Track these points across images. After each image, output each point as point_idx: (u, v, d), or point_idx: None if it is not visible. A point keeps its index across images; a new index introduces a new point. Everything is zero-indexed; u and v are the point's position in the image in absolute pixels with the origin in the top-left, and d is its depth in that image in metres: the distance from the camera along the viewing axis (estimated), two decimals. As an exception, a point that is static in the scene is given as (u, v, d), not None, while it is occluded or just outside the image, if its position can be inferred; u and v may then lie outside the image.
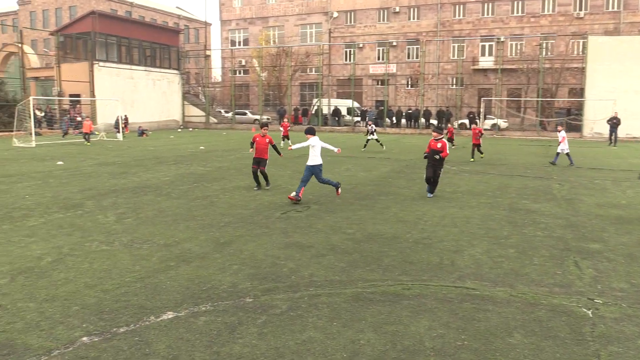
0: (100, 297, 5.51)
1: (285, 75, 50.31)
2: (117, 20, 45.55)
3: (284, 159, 17.45)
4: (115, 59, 43.17)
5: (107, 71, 41.40)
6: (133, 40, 44.52)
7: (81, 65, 40.43)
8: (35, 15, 71.93)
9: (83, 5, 64.98)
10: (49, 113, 39.41)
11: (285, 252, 7.26)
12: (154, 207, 10.39)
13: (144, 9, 73.48)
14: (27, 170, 16.05)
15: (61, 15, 68.64)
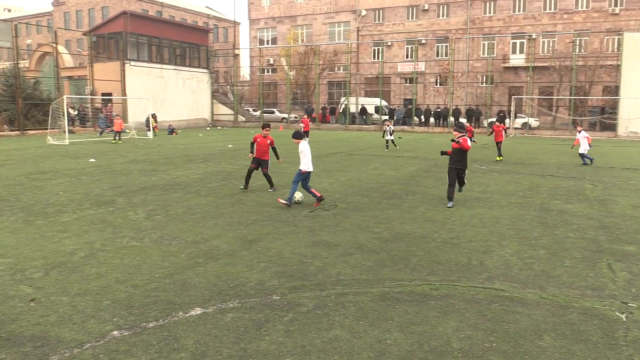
0: (130, 292, 5.61)
1: (313, 74, 50.38)
2: (148, 20, 46.27)
3: (313, 156, 17.44)
4: (146, 58, 43.88)
5: (138, 70, 42.12)
6: (163, 40, 45.18)
7: (113, 64, 41.22)
8: (69, 16, 73.61)
9: (115, 6, 66.23)
10: (82, 112, 40.30)
11: (312, 250, 7.27)
12: (183, 204, 10.53)
13: (174, 9, 74.49)
14: (60, 167, 16.45)
15: (94, 16, 70.08)
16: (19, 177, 14.07)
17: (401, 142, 26.96)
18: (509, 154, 22.43)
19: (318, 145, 26.70)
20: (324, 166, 17.17)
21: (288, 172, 15.18)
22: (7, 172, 15.25)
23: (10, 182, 13.28)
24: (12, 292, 5.58)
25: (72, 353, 4.25)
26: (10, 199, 10.92)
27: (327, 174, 15.24)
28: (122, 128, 28.47)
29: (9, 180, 13.46)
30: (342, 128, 44.99)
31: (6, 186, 12.60)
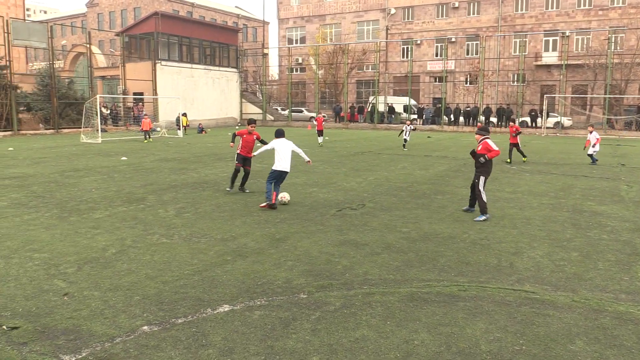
0: (160, 288, 5.70)
1: (342, 73, 50.32)
2: (178, 20, 46.92)
3: (331, 156, 17.45)
4: (176, 58, 44.52)
5: (168, 70, 42.77)
6: (194, 40, 45.78)
7: (144, 64, 41.95)
8: (102, 17, 75.14)
9: (147, 7, 67.34)
10: (114, 111, 41.15)
11: (340, 249, 7.27)
12: (212, 202, 10.65)
13: (204, 9, 75.33)
14: (93, 165, 16.82)
15: (126, 17, 71.39)
16: (53, 175, 14.44)
17: (430, 142, 26.73)
18: (540, 153, 22.03)
19: (346, 144, 26.66)
20: (352, 165, 17.14)
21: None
22: (42, 169, 15.66)
23: (46, 179, 13.64)
24: (47, 287, 5.73)
25: (104, 347, 4.34)
26: (46, 196, 11.21)
27: (355, 173, 15.21)
28: (150, 127, 28.86)
29: (44, 178, 13.82)
30: (370, 127, 44.83)
31: (42, 183, 12.95)
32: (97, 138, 27.74)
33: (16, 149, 22.31)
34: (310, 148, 23.86)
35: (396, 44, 56.09)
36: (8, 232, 8.10)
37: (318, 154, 20.80)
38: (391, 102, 47.68)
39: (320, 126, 25.42)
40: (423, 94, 54.91)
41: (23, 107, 35.06)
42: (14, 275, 6.08)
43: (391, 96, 51.79)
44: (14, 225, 8.59)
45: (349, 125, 46.03)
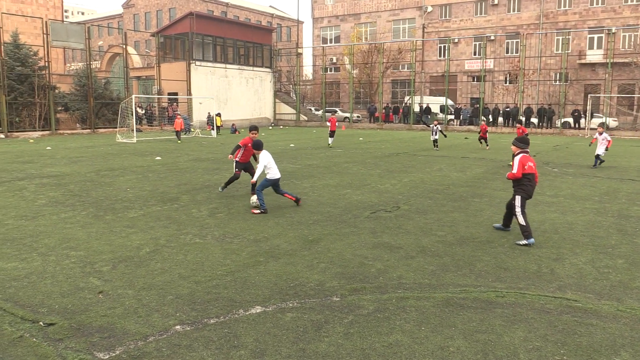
0: (193, 288, 5.79)
1: (377, 73, 50.14)
2: (213, 20, 47.59)
3: (365, 157, 17.37)
4: (210, 58, 45.18)
5: (202, 70, 43.44)
6: (228, 40, 46.36)
7: (179, 64, 42.71)
8: (138, 18, 76.84)
9: (182, 7, 68.54)
10: (149, 111, 42.04)
11: (374, 252, 7.24)
12: (245, 202, 10.75)
13: (238, 9, 76.21)
14: (128, 165, 17.21)
15: (161, 17, 72.83)
16: (89, 174, 14.83)
17: (467, 143, 26.37)
18: (584, 155, 21.46)
19: (380, 145, 26.54)
20: (387, 167, 17.05)
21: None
22: (79, 168, 16.10)
23: (82, 178, 14.02)
24: (82, 284, 5.89)
25: (137, 345, 4.43)
26: (82, 195, 11.52)
27: (389, 175, 15.12)
28: (182, 127, 29.25)
29: (80, 177, 14.21)
30: (406, 128, 44.51)
31: (78, 182, 13.32)
32: (132, 138, 28.39)
33: (54, 148, 23.02)
34: (345, 149, 23.83)
35: (433, 42, 55.56)
36: (46, 230, 8.36)
37: (352, 155, 20.79)
38: (427, 102, 47.25)
39: (333, 127, 25.36)
40: (460, 93, 54.23)
41: (61, 107, 36.20)
42: (51, 273, 6.27)
43: (427, 96, 51.33)
44: (51, 223, 8.87)
45: (384, 126, 45.82)
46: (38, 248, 7.33)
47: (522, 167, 7.86)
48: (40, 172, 15.23)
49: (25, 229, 8.47)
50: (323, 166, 17.13)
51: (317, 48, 59.84)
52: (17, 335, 4.61)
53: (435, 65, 55.62)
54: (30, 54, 33.57)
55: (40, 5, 48.04)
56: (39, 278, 6.09)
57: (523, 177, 7.90)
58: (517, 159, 7.97)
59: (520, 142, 8.26)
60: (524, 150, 8.13)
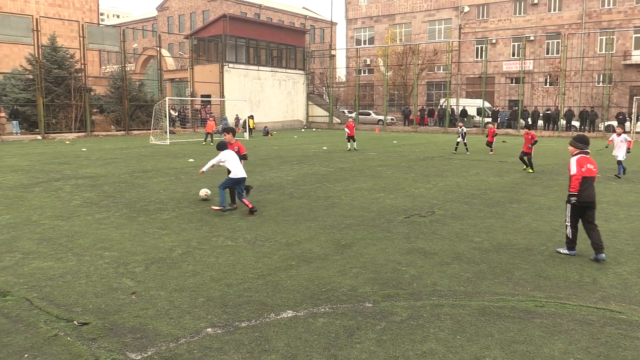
0: (224, 290, 5.85)
1: (412, 74, 49.83)
2: (246, 22, 48.13)
3: (399, 160, 17.23)
4: (243, 60, 45.67)
5: (235, 72, 43.94)
6: (261, 42, 46.82)
7: (212, 66, 43.31)
8: (172, 20, 78.26)
9: (215, 9, 69.52)
10: (182, 113, 42.75)
11: (407, 258, 7.18)
12: (277, 205, 10.82)
13: (272, 11, 76.84)
14: (161, 167, 17.52)
15: (195, 20, 74.00)
16: (123, 175, 15.16)
17: (505, 147, 25.93)
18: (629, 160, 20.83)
19: (415, 148, 26.33)
20: (421, 170, 16.90)
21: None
22: (113, 170, 16.48)
23: (116, 179, 14.34)
24: (116, 285, 6.01)
25: (168, 347, 4.50)
26: (116, 196, 11.79)
27: (424, 179, 14.99)
28: (213, 129, 29.55)
29: (115, 178, 14.54)
30: (441, 131, 44.07)
31: (112, 183, 13.62)
32: (165, 140, 28.89)
33: (89, 150, 23.62)
34: (379, 152, 23.75)
35: (469, 43, 54.91)
36: (81, 230, 8.58)
37: (386, 158, 20.69)
38: (463, 105, 46.70)
39: (351, 132, 24.34)
40: (498, 96, 53.43)
41: (96, 109, 37.17)
42: (86, 273, 6.42)
43: (463, 98, 50.74)
44: (86, 223, 9.09)
45: (418, 129, 45.48)
46: (73, 248, 7.52)
47: (580, 168, 7.07)
48: (76, 173, 15.64)
49: (60, 229, 8.71)
50: (356, 169, 17.10)
51: (351, 49, 59.84)
52: (52, 333, 4.74)
53: (472, 67, 54.94)
54: (67, 56, 34.60)
55: (77, 9, 49.47)
56: (73, 278, 6.24)
57: (581, 181, 7.07)
58: (574, 160, 7.20)
59: (579, 141, 7.36)
60: (582, 151, 7.29)
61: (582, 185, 7.09)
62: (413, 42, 54.05)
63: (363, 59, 59.16)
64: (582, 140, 7.36)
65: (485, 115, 44.15)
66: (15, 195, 11.93)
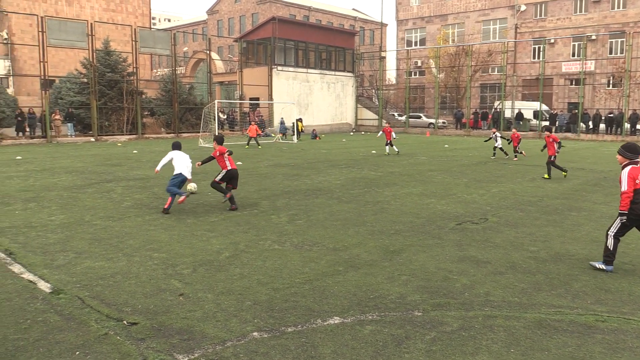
0: (271, 295, 5.90)
1: (464, 76, 49.02)
2: (295, 25, 48.60)
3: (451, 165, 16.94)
4: (292, 63, 46.11)
5: (284, 75, 44.41)
6: (310, 44, 47.15)
7: (261, 69, 43.92)
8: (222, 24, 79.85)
9: (264, 12, 70.52)
10: (230, 116, 43.50)
11: (459, 266, 7.06)
12: (325, 210, 10.84)
13: (321, 13, 77.31)
14: (210, 169, 17.85)
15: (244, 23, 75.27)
16: (173, 177, 15.53)
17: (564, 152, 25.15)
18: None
19: (467, 152, 25.88)
20: (474, 176, 16.59)
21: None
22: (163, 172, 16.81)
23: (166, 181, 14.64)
24: (164, 286, 6.16)
25: (215, 349, 4.57)
26: (165, 198, 12.06)
27: (476, 184, 14.71)
28: (257, 133, 29.80)
29: (164, 180, 14.89)
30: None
31: (162, 185, 13.98)
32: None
33: (140, 152, 24.34)
34: (429, 156, 23.48)
35: (526, 43, 53.59)
36: (131, 231, 8.85)
37: (437, 163, 20.43)
38: (519, 108, 45.58)
39: (388, 136, 24.18)
40: (556, 98, 51.88)
41: (147, 111, 38.33)
42: (135, 273, 6.61)
43: (519, 101, 49.53)
44: (136, 224, 9.37)
45: (471, 133, 44.67)
46: (123, 248, 7.76)
47: (632, 182, 6.65)
48: (127, 174, 16.15)
49: (112, 229, 9.01)
50: (406, 174, 16.95)
51: (402, 51, 59.45)
52: (102, 332, 4.90)
53: (529, 68, 53.58)
54: (119, 60, 35.84)
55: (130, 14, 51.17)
56: (123, 278, 6.44)
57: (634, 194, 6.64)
58: (624, 173, 6.75)
59: (628, 150, 6.90)
60: (633, 161, 6.83)
61: (635, 198, 6.68)
62: (466, 42, 53.20)
63: (414, 60, 58.67)
64: (632, 150, 6.90)
65: (542, 118, 42.93)
66: (69, 195, 12.43)
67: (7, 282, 6.27)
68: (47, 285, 6.18)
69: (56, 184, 14.21)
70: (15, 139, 30.93)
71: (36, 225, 9.35)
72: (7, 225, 9.29)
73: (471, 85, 48.29)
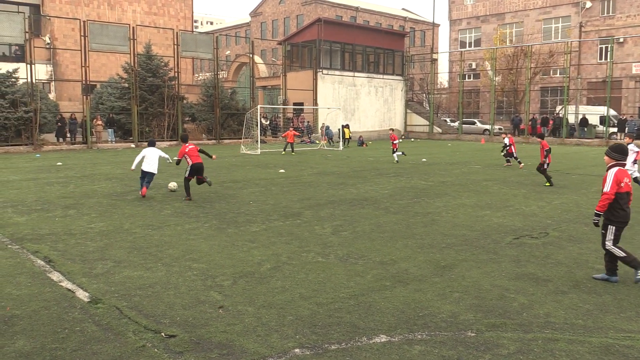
0: (314, 310, 5.90)
1: (523, 79, 48.07)
2: (341, 26, 48.79)
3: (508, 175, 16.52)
4: (338, 66, 46.27)
5: (329, 79, 44.59)
6: (357, 46, 47.21)
7: (305, 73, 44.25)
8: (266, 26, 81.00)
9: (310, 14, 71.13)
10: (273, 122, 43.96)
11: (516, 284, 6.89)
12: (371, 221, 10.80)
13: (368, 13, 77.40)
14: (252, 177, 18.09)
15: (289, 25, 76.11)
16: (213, 185, 15.79)
17: None
18: None
19: (526, 161, 25.31)
20: (533, 186, 16.21)
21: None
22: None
23: (206, 189, 14.96)
24: (203, 297, 6.26)
25: (256, 366, 4.60)
26: (205, 206, 12.30)
27: (536, 195, 14.36)
28: (293, 140, 29.92)
29: (205, 188, 15.18)
30: (557, 142, 42.05)
31: (202, 193, 14.24)
32: (256, 149, 29.82)
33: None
34: (484, 165, 23.09)
35: (592, 43, 52.15)
36: (170, 240, 9.03)
37: (491, 172, 20.06)
38: (584, 113, 44.31)
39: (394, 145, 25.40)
40: (626, 102, 50.22)
41: (188, 117, 39.12)
42: (174, 284, 6.74)
43: (584, 105, 48.16)
44: (176, 233, 9.57)
45: (530, 140, 43.68)
46: (162, 258, 7.93)
47: (616, 185, 6.90)
48: (167, 182, 16.51)
49: (151, 238, 9.22)
50: (458, 183, 16.72)
51: (455, 53, 58.85)
52: (140, 344, 5.01)
53: (595, 70, 52.09)
54: (161, 64, 36.77)
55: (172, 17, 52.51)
56: (162, 288, 6.57)
57: (616, 198, 6.92)
58: (610, 174, 6.98)
59: (615, 151, 7.11)
60: (619, 163, 7.08)
61: (621, 202, 6.98)
62: (525, 43, 52.19)
63: (468, 62, 57.95)
64: (619, 150, 7.11)
65: (610, 124, 41.60)
66: (108, 203, 12.80)
67: (45, 290, 6.50)
68: (86, 294, 6.37)
69: (96, 191, 14.67)
70: (55, 144, 32.13)
71: (75, 232, 9.66)
72: (46, 232, 9.64)
73: (530, 89, 47.29)
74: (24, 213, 11.52)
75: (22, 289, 6.55)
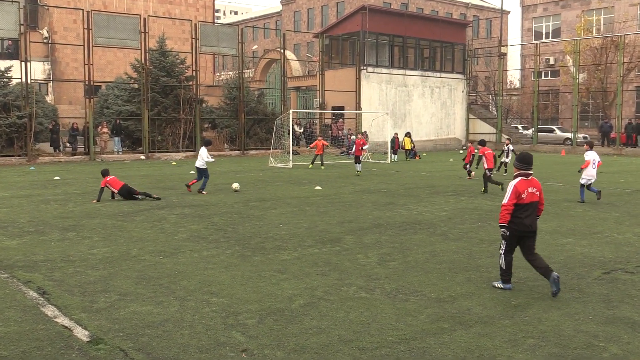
0: (355, 355, 5.86)
1: (614, 77, 47.30)
2: (390, 15, 48.92)
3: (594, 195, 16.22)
4: (386, 62, 46.36)
5: (375, 78, 44.66)
6: (408, 39, 47.23)
7: (347, 71, 44.40)
8: (299, 16, 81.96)
9: (352, 1, 71.67)
10: (308, 129, 44.02)
11: (607, 329, 6.73)
12: (426, 249, 10.71)
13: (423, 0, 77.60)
14: (282, 195, 18.18)
15: (327, 14, 76.90)
16: (237, 204, 15.94)
17: None
18: None
19: (618, 177, 24.79)
20: (627, 208, 15.85)
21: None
22: (225, 197, 17.39)
23: (228, 209, 15.10)
24: (224, 339, 6.28)
25: (285, 423, 4.58)
26: (227, 229, 12.40)
27: (631, 220, 14.03)
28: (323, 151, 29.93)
29: (226, 207, 15.33)
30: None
31: (223, 214, 14.37)
32: (287, 162, 29.97)
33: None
34: (565, 182, 22.72)
35: (700, 33, 51.01)
36: (185, 270, 9.12)
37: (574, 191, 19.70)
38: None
39: (357, 151, 26.31)
40: None
41: (207, 123, 39.48)
42: (189, 322, 6.79)
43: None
44: (192, 261, 9.66)
45: (623, 151, 42.81)
46: (176, 290, 8.01)
47: (515, 196, 7.86)
48: (182, 200, 16.74)
49: (162, 267, 9.33)
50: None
51: (528, 45, 58.33)
52: (148, 394, 5.04)
53: None
54: (177, 62, 37.31)
55: (190, 6, 53.52)
56: (175, 327, 6.62)
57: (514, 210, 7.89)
58: (511, 185, 7.98)
59: (520, 161, 8.12)
60: (524, 173, 8.03)
61: (523, 212, 7.92)
62: (616, 32, 51.39)
63: (545, 57, 57.34)
64: (524, 160, 8.10)
65: None
66: (113, 224, 13.03)
67: (38, 327, 6.62)
68: (85, 332, 6.47)
69: (99, 210, 14.96)
70: (53, 155, 32.83)
71: (75, 259, 9.85)
72: (41, 259, 9.86)
73: (623, 89, 46.44)
74: (15, 236, 11.82)
75: (10, 326, 6.69)
